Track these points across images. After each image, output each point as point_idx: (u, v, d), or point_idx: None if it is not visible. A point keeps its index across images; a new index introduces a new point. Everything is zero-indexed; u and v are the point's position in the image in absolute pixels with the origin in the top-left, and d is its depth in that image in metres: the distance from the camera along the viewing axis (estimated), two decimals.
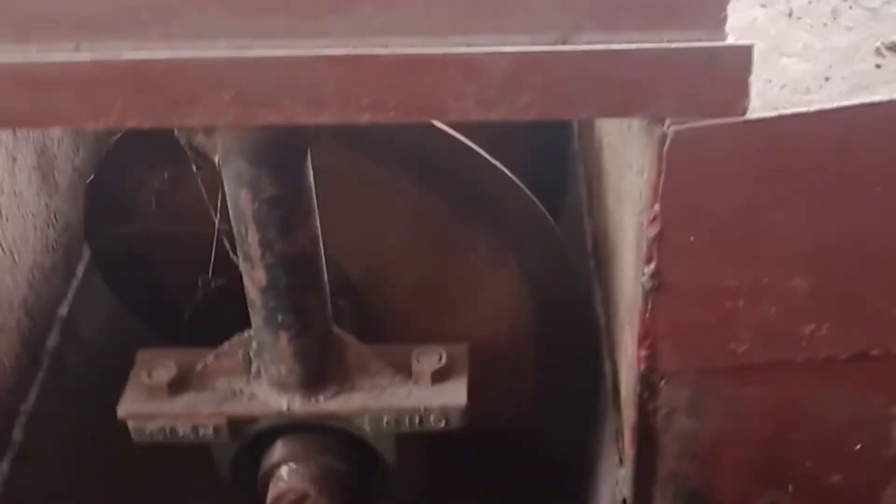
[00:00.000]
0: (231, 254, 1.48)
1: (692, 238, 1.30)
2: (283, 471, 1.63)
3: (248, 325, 1.56)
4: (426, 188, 1.72)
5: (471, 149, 1.63)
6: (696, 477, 1.55)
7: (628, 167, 1.46)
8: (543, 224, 1.77)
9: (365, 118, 1.21)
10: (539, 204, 1.75)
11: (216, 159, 1.36)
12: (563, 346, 1.91)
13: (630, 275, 1.49)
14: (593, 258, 2.01)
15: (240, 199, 1.37)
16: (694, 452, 1.52)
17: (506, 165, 1.70)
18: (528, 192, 1.73)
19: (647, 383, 1.45)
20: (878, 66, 1.27)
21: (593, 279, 1.97)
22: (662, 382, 1.45)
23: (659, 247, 1.31)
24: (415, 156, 1.66)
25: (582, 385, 1.91)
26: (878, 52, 1.30)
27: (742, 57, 1.14)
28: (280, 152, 1.34)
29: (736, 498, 1.59)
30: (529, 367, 1.95)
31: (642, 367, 1.44)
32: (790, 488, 1.57)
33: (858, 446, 1.51)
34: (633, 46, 1.15)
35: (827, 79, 1.26)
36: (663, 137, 1.23)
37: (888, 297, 1.34)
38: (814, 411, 1.48)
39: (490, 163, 1.66)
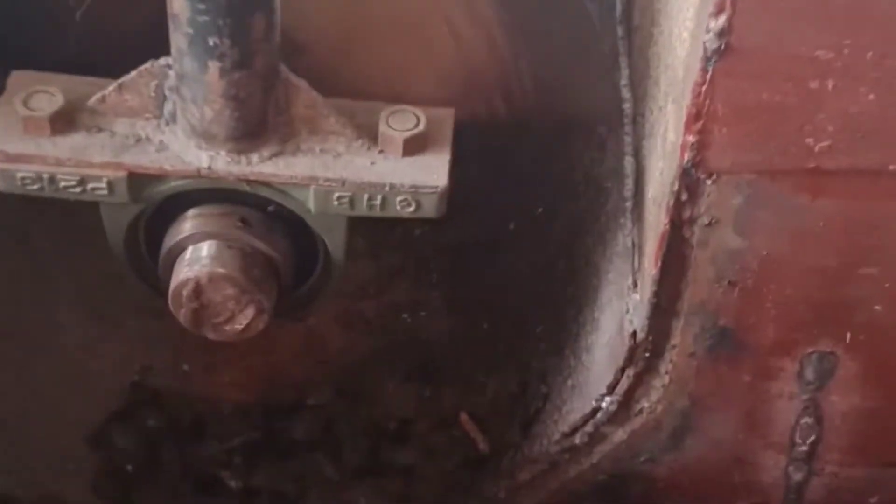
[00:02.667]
0: None
1: None
2: (194, 251, 1.62)
3: (165, 50, 1.50)
4: None
5: None
6: (731, 312, 1.57)
7: None
8: None
9: None
10: None
11: None
12: None
13: (685, 36, 1.44)
14: (622, 25, 1.96)
15: None
16: (734, 279, 1.53)
17: None
18: None
19: (689, 181, 1.44)
20: None
21: (620, 52, 1.93)
22: (709, 182, 1.44)
23: None
24: None
25: None
26: None
27: None
28: None
29: (777, 345, 1.61)
30: None
31: (686, 158, 1.42)
32: (848, 338, 1.59)
33: None
34: None
35: None
36: None
37: None
38: None
39: None
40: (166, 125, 1.56)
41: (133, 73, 1.54)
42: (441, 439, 2.05)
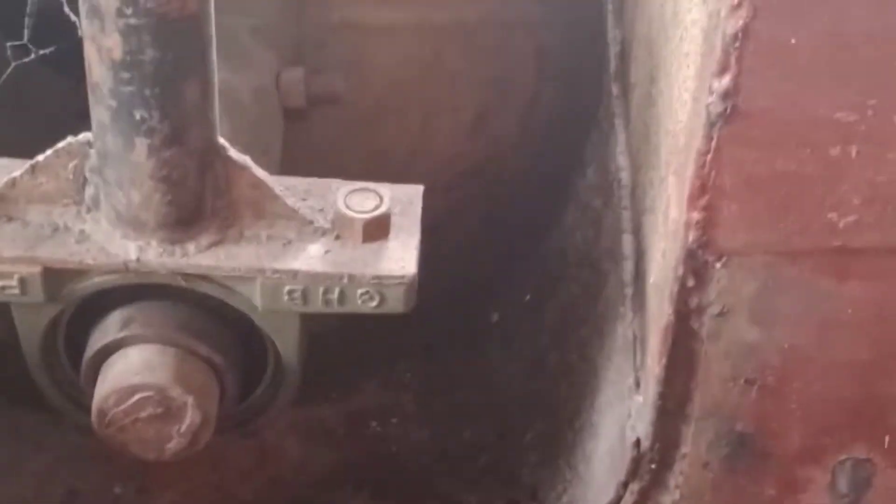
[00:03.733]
0: (66, 6, 1.42)
1: (793, 39, 1.27)
2: (122, 357, 1.61)
3: (86, 125, 1.51)
4: None
5: None
6: (750, 415, 1.57)
7: None
8: None
9: None
10: None
11: None
12: None
13: (686, 98, 1.46)
14: (617, 83, 1.98)
15: None
16: (751, 377, 1.53)
17: None
18: None
19: (696, 265, 1.45)
20: None
21: (615, 114, 1.95)
22: (719, 265, 1.45)
23: (741, 50, 1.28)
24: None
25: None
26: None
27: None
28: None
29: (804, 452, 1.61)
30: None
31: (691, 238, 1.43)
32: (886, 441, 1.59)
33: None
34: None
35: None
36: None
37: None
38: None
39: None
40: (87, 212, 1.56)
41: (48, 153, 1.54)
42: None
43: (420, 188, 1.62)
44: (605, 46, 2.08)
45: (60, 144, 1.53)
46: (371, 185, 1.59)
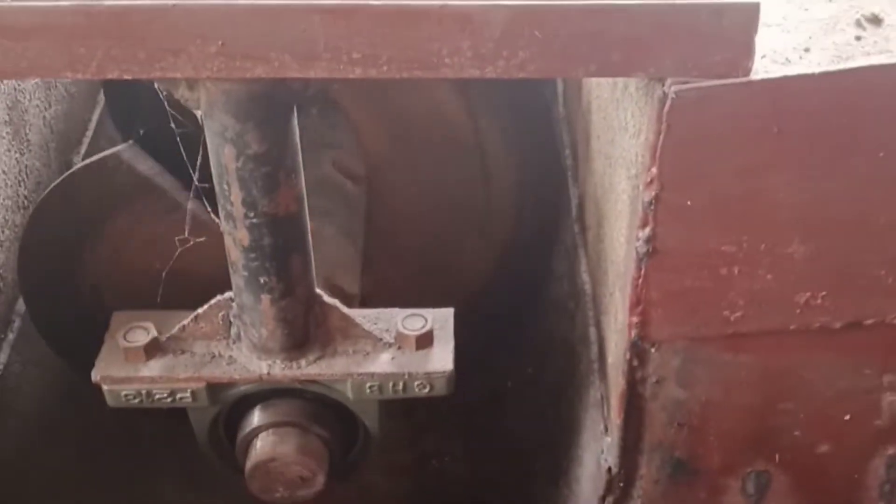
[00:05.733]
0: (211, 213, 1.43)
1: (689, 202, 1.28)
2: (263, 437, 1.60)
3: (227, 287, 1.52)
4: None
5: None
6: (682, 446, 1.54)
7: (622, 129, 1.43)
8: None
9: (356, 72, 1.17)
10: None
11: (199, 115, 1.31)
12: None
13: (622, 240, 1.45)
14: (578, 224, 1.98)
15: (223, 155, 1.32)
16: (682, 421, 1.51)
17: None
18: None
19: (637, 351, 1.43)
20: (857, 38, 1.24)
21: (578, 245, 1.94)
22: (653, 350, 1.43)
23: (655, 210, 1.29)
24: None
25: None
26: (858, 23, 1.27)
27: (748, 15, 1.11)
28: (267, 107, 1.29)
29: (722, 468, 1.57)
30: None
31: (633, 334, 1.41)
32: (777, 458, 1.56)
33: (848, 416, 1.50)
34: (636, 2, 1.11)
35: (807, 49, 1.22)
36: (664, 98, 1.20)
37: (886, 265, 1.32)
38: (805, 381, 1.46)
39: None
40: (233, 343, 1.55)
41: (205, 307, 1.54)
42: None
43: (451, 311, 1.60)
44: (568, 199, 2.09)
45: (213, 301, 1.54)
46: (419, 310, 1.58)
